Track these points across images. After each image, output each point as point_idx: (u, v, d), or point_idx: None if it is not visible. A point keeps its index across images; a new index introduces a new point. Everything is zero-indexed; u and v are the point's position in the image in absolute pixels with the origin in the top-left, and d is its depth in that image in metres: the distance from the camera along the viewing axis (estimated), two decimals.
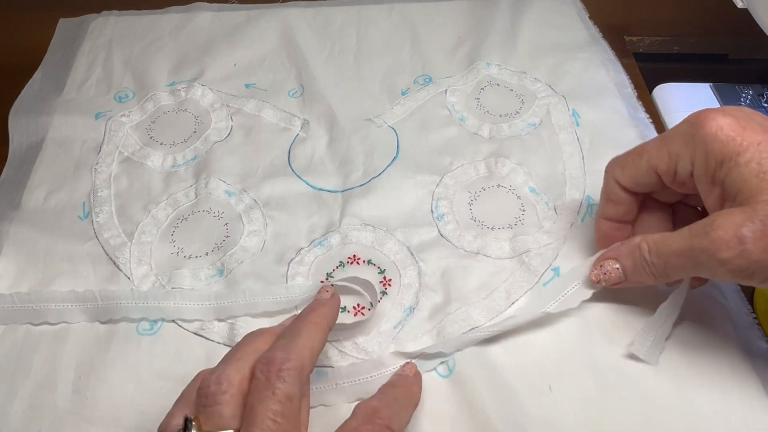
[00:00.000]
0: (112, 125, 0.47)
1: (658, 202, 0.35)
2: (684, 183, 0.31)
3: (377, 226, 0.40)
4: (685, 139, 0.30)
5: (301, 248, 0.40)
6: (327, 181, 0.44)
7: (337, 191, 0.43)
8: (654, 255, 0.31)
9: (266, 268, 0.39)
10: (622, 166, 0.34)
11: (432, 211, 0.42)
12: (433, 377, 0.34)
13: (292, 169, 0.44)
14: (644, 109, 0.48)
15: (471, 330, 0.35)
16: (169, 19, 0.56)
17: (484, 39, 0.53)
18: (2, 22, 0.59)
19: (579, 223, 0.40)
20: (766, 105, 0.50)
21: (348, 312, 0.37)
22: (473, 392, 0.33)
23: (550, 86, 0.49)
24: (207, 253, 0.39)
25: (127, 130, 0.47)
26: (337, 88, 0.50)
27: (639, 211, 0.35)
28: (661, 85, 0.51)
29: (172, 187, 0.43)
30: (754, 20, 0.44)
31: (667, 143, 0.31)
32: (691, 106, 0.47)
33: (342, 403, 0.33)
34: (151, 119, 0.48)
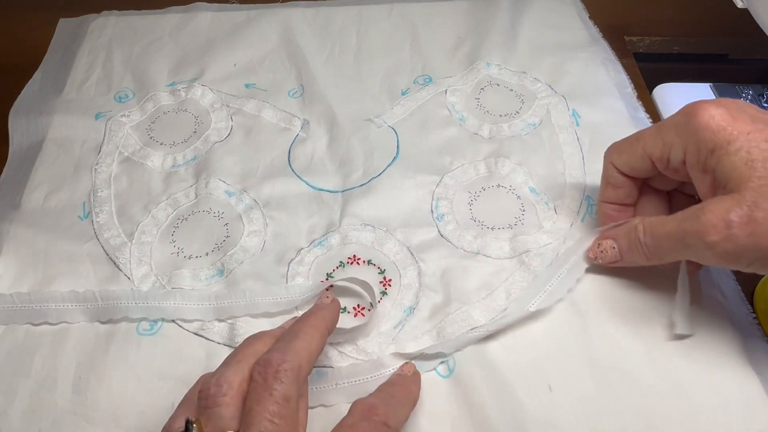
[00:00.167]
0: (112, 125, 0.47)
1: (657, 189, 0.37)
2: (677, 170, 0.33)
3: (377, 226, 0.40)
4: (679, 129, 0.31)
5: (301, 248, 0.40)
6: (327, 181, 0.44)
7: (337, 191, 0.43)
8: (648, 236, 0.33)
9: (266, 268, 0.39)
10: (620, 151, 0.35)
11: (432, 211, 0.42)
12: (433, 377, 0.34)
13: (292, 169, 0.44)
14: (644, 109, 0.48)
15: (471, 330, 0.35)
16: (169, 19, 0.56)
17: (484, 39, 0.53)
18: (2, 22, 0.59)
19: (579, 223, 0.40)
20: (766, 105, 0.50)
21: (348, 312, 0.37)
22: (473, 392, 0.33)
23: (550, 86, 0.49)
24: (207, 253, 0.39)
25: (127, 130, 0.47)
26: (337, 88, 0.50)
27: (639, 198, 0.37)
28: (661, 85, 0.51)
29: (172, 188, 0.43)
30: (754, 20, 0.44)
31: (662, 132, 0.32)
32: None
33: (341, 403, 0.33)
34: (151, 119, 0.48)
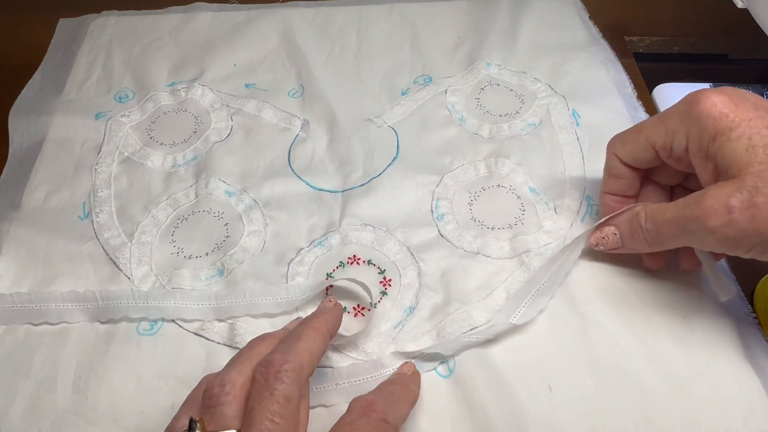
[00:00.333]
0: (112, 125, 0.47)
1: (659, 184, 0.37)
2: (680, 158, 0.33)
3: (377, 226, 0.40)
4: (681, 116, 0.32)
5: (301, 248, 0.40)
6: (327, 181, 0.44)
7: (337, 191, 0.43)
8: (649, 222, 0.33)
9: (266, 268, 0.39)
10: (623, 141, 0.35)
11: (432, 211, 0.42)
12: (433, 377, 0.34)
13: (292, 169, 0.44)
14: (644, 109, 0.48)
15: (471, 330, 0.35)
16: (169, 19, 0.56)
17: (484, 39, 0.53)
18: (2, 22, 0.59)
19: (579, 223, 0.40)
20: None
21: (348, 313, 0.37)
22: (473, 392, 0.33)
23: (550, 86, 0.49)
24: (207, 253, 0.39)
25: (127, 130, 0.47)
26: (337, 88, 0.50)
27: (640, 191, 0.37)
28: (661, 85, 0.51)
29: (172, 188, 0.43)
30: (754, 20, 0.44)
31: (665, 120, 0.33)
32: None
33: (342, 403, 0.33)
34: (151, 119, 0.48)
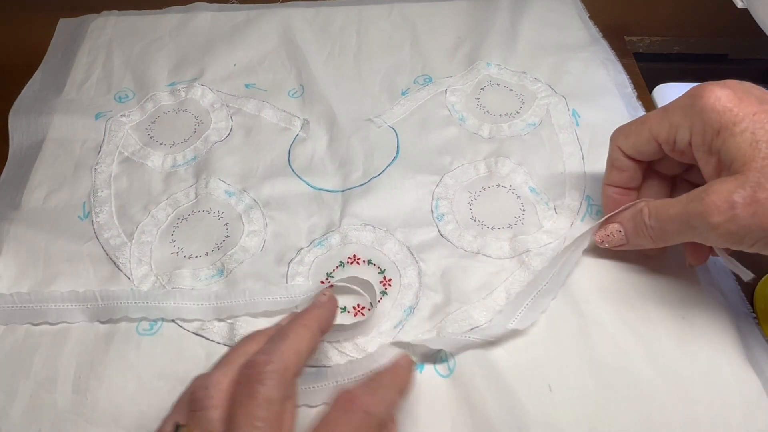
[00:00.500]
0: (112, 125, 0.47)
1: (661, 174, 0.37)
2: (683, 152, 0.33)
3: (377, 226, 0.40)
4: (685, 110, 0.32)
5: (301, 248, 0.40)
6: (327, 181, 0.44)
7: (337, 191, 0.43)
8: (653, 219, 0.33)
9: (266, 268, 0.39)
10: (626, 134, 0.35)
11: (432, 211, 0.42)
12: (433, 377, 0.34)
13: (292, 169, 0.44)
14: (644, 109, 0.48)
15: (470, 330, 0.35)
16: (169, 19, 0.56)
17: (484, 39, 0.53)
18: (2, 22, 0.59)
19: (579, 223, 0.40)
20: None
21: (348, 312, 0.37)
22: (473, 392, 0.33)
23: (550, 86, 0.49)
24: (207, 253, 0.39)
25: (127, 130, 0.47)
26: (337, 88, 0.50)
27: (642, 182, 0.37)
28: (661, 85, 0.51)
29: (172, 187, 0.43)
30: (754, 20, 0.44)
31: (668, 114, 0.33)
32: None
33: None
34: (151, 119, 0.48)
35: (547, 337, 0.35)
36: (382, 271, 0.38)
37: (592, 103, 0.48)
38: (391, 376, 0.30)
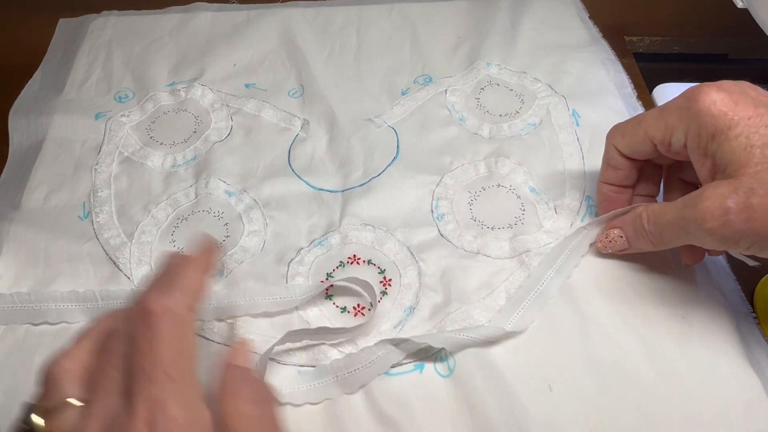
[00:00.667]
0: (112, 125, 0.47)
1: (655, 165, 0.37)
2: (678, 153, 0.33)
3: (377, 226, 0.40)
4: (681, 112, 0.32)
5: (301, 248, 0.40)
6: (327, 181, 0.44)
7: (337, 191, 0.43)
8: (652, 224, 0.33)
9: (266, 268, 0.39)
10: (622, 133, 0.35)
11: (432, 211, 0.42)
12: (433, 377, 0.34)
13: (292, 169, 0.44)
14: (644, 109, 0.48)
15: (471, 328, 0.35)
16: (169, 19, 0.56)
17: (484, 39, 0.53)
18: (2, 22, 0.59)
19: (579, 223, 0.40)
20: None
21: (348, 312, 0.37)
22: (473, 392, 0.33)
23: (550, 86, 0.49)
24: None
25: (127, 130, 0.47)
26: (337, 88, 0.50)
27: (637, 180, 0.37)
28: (661, 85, 0.51)
29: (172, 187, 0.43)
30: (754, 20, 0.44)
31: (665, 115, 0.33)
32: None
33: (341, 396, 0.33)
34: (151, 119, 0.48)
35: (547, 337, 0.35)
36: (382, 271, 0.38)
37: (592, 103, 0.48)
38: (183, 261, 0.28)
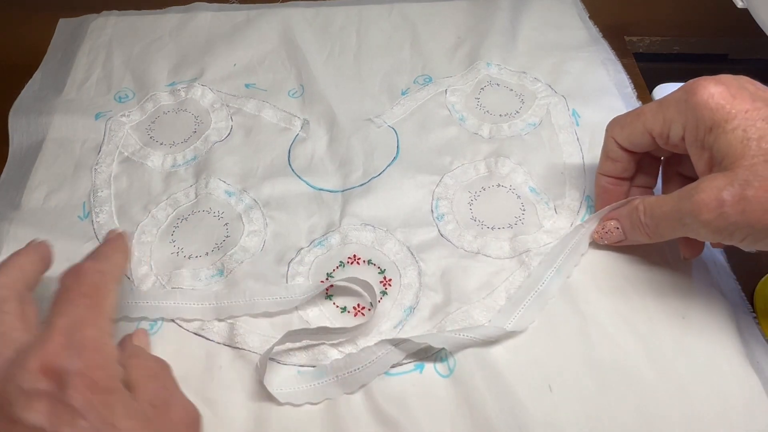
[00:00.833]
0: (112, 125, 0.47)
1: (653, 156, 0.37)
2: (676, 146, 0.33)
3: (377, 226, 0.40)
4: (679, 106, 0.32)
5: (301, 248, 0.40)
6: (327, 181, 0.44)
7: (337, 191, 0.43)
8: (648, 216, 0.34)
9: (266, 268, 0.39)
10: (621, 126, 0.36)
11: (432, 211, 0.42)
12: (433, 377, 0.34)
13: (292, 169, 0.44)
14: None
15: (470, 328, 0.35)
16: (169, 19, 0.56)
17: (484, 39, 0.53)
18: (2, 22, 0.59)
19: (579, 223, 0.40)
20: None
21: (348, 312, 0.37)
22: (473, 392, 0.33)
23: (550, 86, 0.49)
24: (207, 253, 0.39)
25: (127, 130, 0.47)
26: (337, 88, 0.50)
27: (635, 172, 0.38)
28: (661, 85, 0.51)
29: (172, 187, 0.43)
30: (754, 20, 0.44)
31: (663, 108, 0.33)
32: None
33: (342, 396, 0.33)
34: (151, 119, 0.48)
35: (547, 337, 0.35)
36: (382, 271, 0.38)
37: (592, 103, 0.48)
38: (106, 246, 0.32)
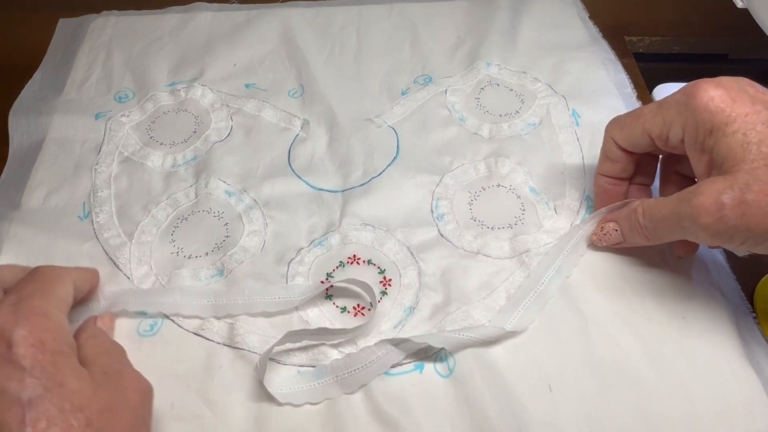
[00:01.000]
0: (112, 125, 0.47)
1: (651, 155, 0.37)
2: (675, 147, 0.33)
3: (377, 226, 0.40)
4: (679, 108, 0.32)
5: (301, 248, 0.40)
6: (327, 181, 0.44)
7: (337, 191, 0.43)
8: (647, 219, 0.34)
9: (266, 268, 0.39)
10: (621, 126, 0.36)
11: (432, 211, 0.42)
12: (433, 377, 0.34)
13: (292, 169, 0.44)
14: None
15: (470, 328, 0.35)
16: (169, 19, 0.56)
17: (484, 39, 0.53)
18: (2, 22, 0.59)
19: (579, 223, 0.40)
20: None
21: (348, 313, 0.37)
22: (473, 392, 0.33)
23: (550, 86, 0.49)
24: (207, 253, 0.39)
25: (127, 130, 0.47)
26: (337, 88, 0.50)
27: (634, 173, 0.38)
28: (661, 85, 0.51)
29: (172, 187, 0.43)
30: (754, 20, 0.44)
31: (663, 110, 0.33)
32: None
33: (343, 396, 0.33)
34: (151, 119, 0.48)
35: (547, 337, 0.35)
36: (382, 271, 0.38)
37: (592, 103, 0.48)
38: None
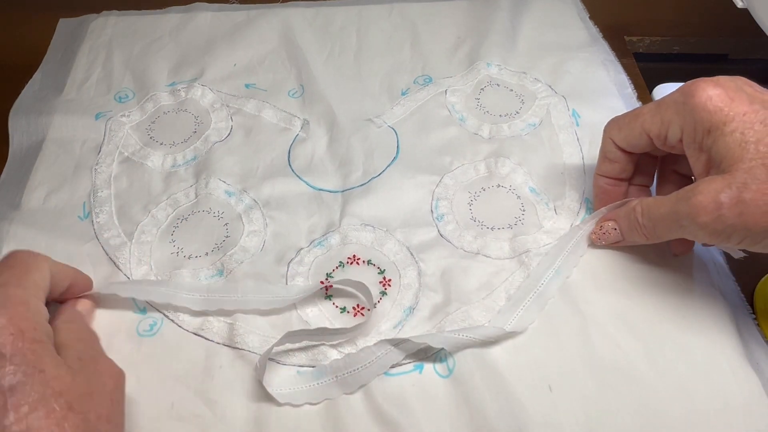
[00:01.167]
0: (112, 125, 0.47)
1: (650, 156, 0.37)
2: (674, 147, 0.33)
3: (377, 226, 0.40)
4: (677, 107, 0.32)
5: (301, 248, 0.40)
6: (327, 181, 0.44)
7: (337, 191, 0.43)
8: (646, 218, 0.34)
9: (266, 268, 0.39)
10: (619, 127, 0.36)
11: (432, 211, 0.42)
12: (433, 377, 0.34)
13: (292, 169, 0.44)
14: None
15: (470, 328, 0.35)
16: (169, 19, 0.56)
17: (484, 39, 0.53)
18: (2, 22, 0.59)
19: (579, 223, 0.40)
20: None
21: (348, 313, 0.37)
22: (473, 392, 0.33)
23: (550, 86, 0.49)
24: (207, 253, 0.39)
25: (127, 130, 0.47)
26: (337, 88, 0.50)
27: (633, 173, 0.38)
28: (661, 85, 0.51)
29: (172, 187, 0.43)
30: (754, 20, 0.44)
31: (661, 110, 0.33)
32: None
33: (343, 396, 0.33)
34: (151, 119, 0.48)
35: (547, 337, 0.35)
36: (382, 272, 0.38)
37: (592, 103, 0.48)
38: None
